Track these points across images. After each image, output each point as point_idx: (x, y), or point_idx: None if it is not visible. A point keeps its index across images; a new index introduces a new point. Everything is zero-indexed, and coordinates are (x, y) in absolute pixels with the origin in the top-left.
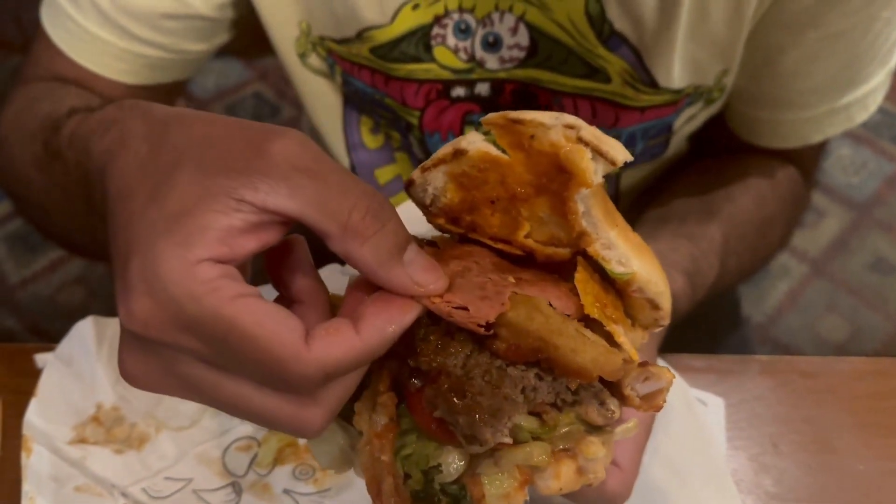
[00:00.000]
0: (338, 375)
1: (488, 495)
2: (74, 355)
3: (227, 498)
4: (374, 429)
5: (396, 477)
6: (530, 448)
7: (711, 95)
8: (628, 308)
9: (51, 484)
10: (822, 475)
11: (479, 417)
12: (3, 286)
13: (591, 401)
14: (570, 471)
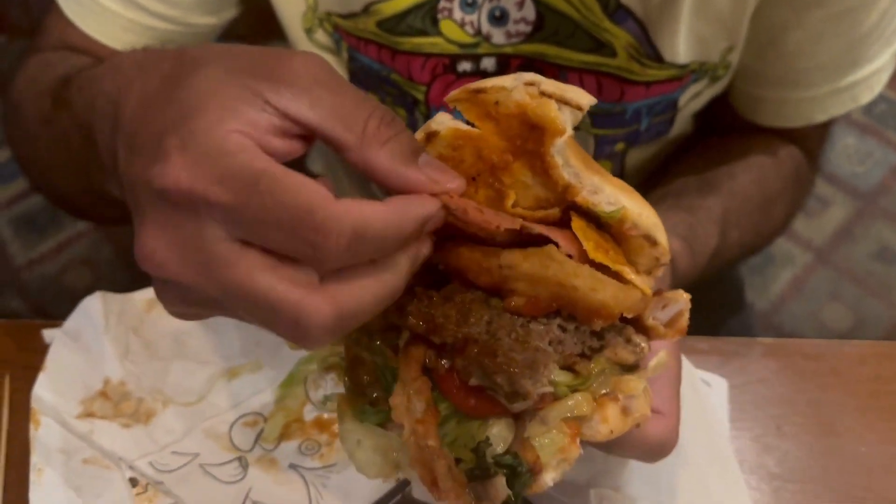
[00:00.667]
0: (365, 241)
1: (542, 455)
2: (82, 330)
3: (233, 472)
4: (414, 416)
5: (447, 459)
6: (571, 400)
7: (717, 73)
8: (628, 254)
9: (59, 456)
10: (824, 457)
11: (516, 371)
12: (10, 267)
13: (617, 341)
14: (615, 413)
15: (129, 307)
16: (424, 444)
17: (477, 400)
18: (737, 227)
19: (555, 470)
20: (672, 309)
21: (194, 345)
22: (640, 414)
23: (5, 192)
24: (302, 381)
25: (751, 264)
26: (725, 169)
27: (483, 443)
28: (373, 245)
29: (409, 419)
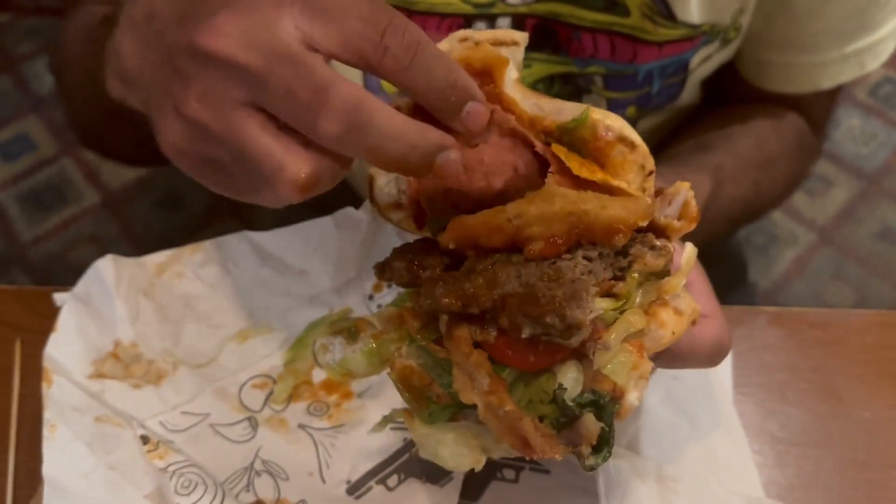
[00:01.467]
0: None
1: (618, 379)
2: (93, 293)
3: (243, 432)
4: (482, 390)
5: (530, 418)
6: (623, 321)
7: (728, 35)
8: (615, 172)
9: (71, 413)
10: (828, 422)
11: (563, 304)
12: (16, 244)
13: (642, 251)
14: (669, 315)
15: (140, 271)
16: (503, 413)
17: (535, 354)
18: (733, 181)
19: (635, 389)
20: (678, 201)
21: (204, 308)
22: (691, 310)
23: (11, 169)
24: (311, 345)
25: (754, 243)
26: (723, 132)
27: (558, 390)
28: (369, 138)
29: (479, 396)
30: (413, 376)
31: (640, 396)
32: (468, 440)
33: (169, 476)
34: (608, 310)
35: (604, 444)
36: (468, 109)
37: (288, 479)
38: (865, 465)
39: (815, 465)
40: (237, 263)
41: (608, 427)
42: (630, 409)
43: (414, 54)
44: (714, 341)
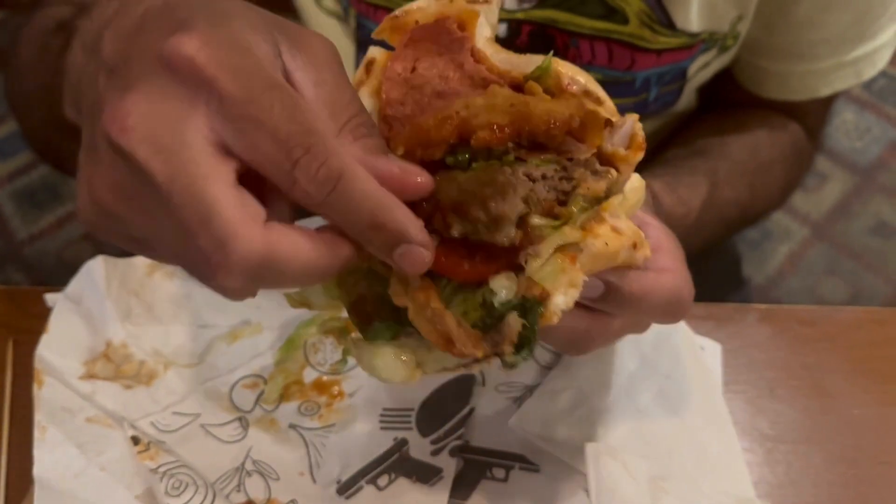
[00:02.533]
0: (346, 191)
1: (547, 285)
2: (84, 294)
3: (234, 432)
4: (413, 288)
5: (454, 315)
6: (558, 232)
7: (726, 43)
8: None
9: (62, 414)
10: (818, 418)
11: (489, 198)
12: (11, 242)
13: (585, 176)
14: (605, 230)
15: (131, 271)
16: (429, 312)
17: (469, 263)
18: (728, 183)
19: (563, 295)
20: (624, 130)
21: (195, 308)
22: (632, 232)
23: (6, 167)
24: (301, 345)
25: (748, 239)
26: (717, 139)
27: (487, 294)
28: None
29: (409, 297)
30: (365, 304)
31: (570, 303)
32: (404, 355)
33: (160, 477)
34: (546, 226)
35: (525, 343)
36: (401, 252)
37: (278, 479)
38: (855, 462)
39: (804, 462)
40: None
41: (531, 328)
42: (556, 312)
43: (330, 191)
44: (671, 291)
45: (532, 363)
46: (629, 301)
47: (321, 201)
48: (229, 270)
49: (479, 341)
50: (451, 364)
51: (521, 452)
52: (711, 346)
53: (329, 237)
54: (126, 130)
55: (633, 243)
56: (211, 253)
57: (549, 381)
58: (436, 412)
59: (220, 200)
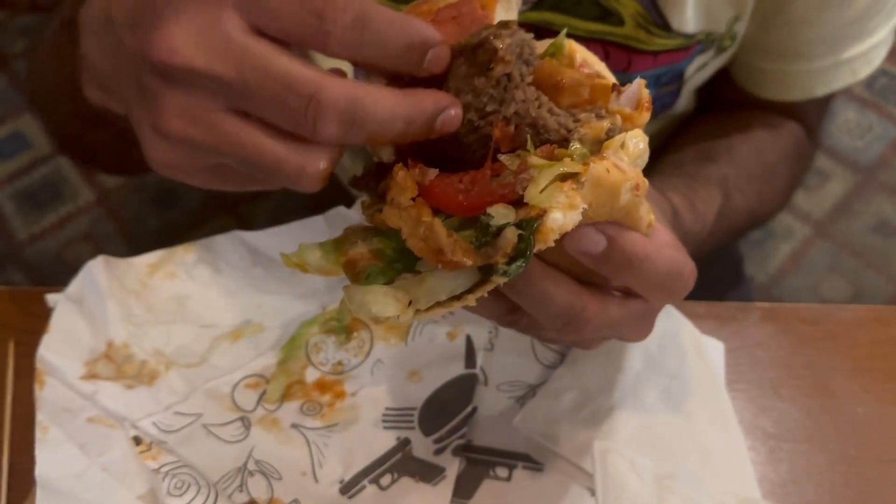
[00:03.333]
0: (368, 30)
1: (545, 205)
2: (85, 294)
3: (236, 432)
4: (407, 206)
5: (445, 230)
6: (558, 163)
7: (723, 43)
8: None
9: (63, 414)
10: (820, 417)
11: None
12: (11, 242)
13: (589, 118)
14: (609, 164)
15: (132, 271)
16: (421, 226)
17: (465, 195)
18: (739, 191)
19: (561, 212)
20: (630, 92)
21: (196, 308)
22: (634, 174)
23: (7, 168)
24: (303, 344)
25: (750, 237)
26: (723, 141)
27: (484, 216)
28: (368, 128)
29: (403, 216)
30: (360, 260)
31: (568, 224)
32: (397, 293)
33: (162, 477)
34: (545, 165)
35: (519, 255)
36: (429, 58)
37: (281, 478)
38: (857, 461)
39: (807, 461)
40: (229, 263)
41: (526, 241)
42: (552, 229)
43: (361, 31)
44: (672, 263)
45: (535, 363)
46: (628, 262)
47: (359, 43)
48: (325, 116)
49: (470, 251)
50: (444, 295)
51: (525, 451)
52: (714, 345)
53: (400, 89)
54: (176, 51)
55: (636, 184)
56: (304, 109)
57: (554, 380)
58: (438, 412)
59: (293, 66)
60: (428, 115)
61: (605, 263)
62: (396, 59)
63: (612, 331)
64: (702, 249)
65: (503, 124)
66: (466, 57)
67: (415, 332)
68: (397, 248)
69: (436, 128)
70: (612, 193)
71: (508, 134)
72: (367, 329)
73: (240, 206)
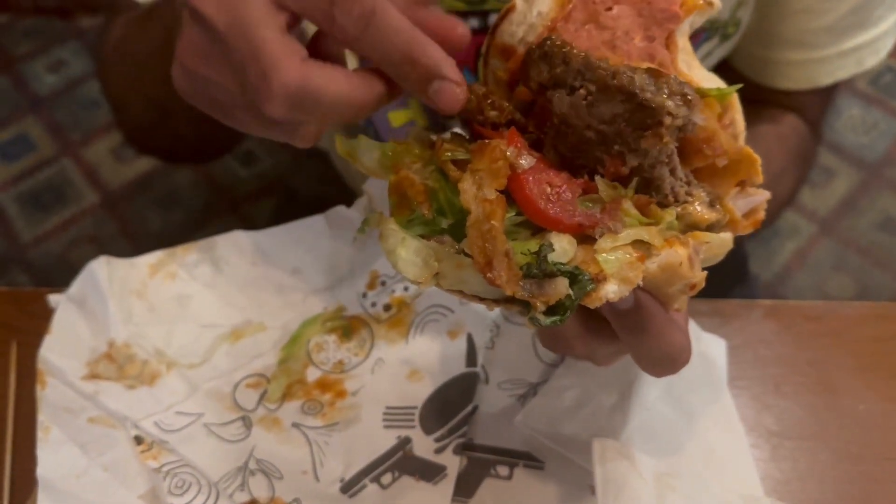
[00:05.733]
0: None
1: (605, 268)
2: (87, 295)
3: (237, 431)
4: (484, 197)
5: (506, 244)
6: (642, 227)
7: (727, 30)
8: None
9: (65, 414)
10: (823, 414)
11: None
12: (16, 244)
13: (702, 197)
14: (685, 254)
15: (133, 272)
16: (487, 224)
17: (547, 204)
18: None
19: (617, 285)
20: (751, 200)
21: (198, 308)
22: (700, 277)
23: (11, 170)
24: (304, 344)
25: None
26: None
27: (545, 245)
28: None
29: (477, 202)
30: (410, 188)
31: (618, 296)
32: (429, 256)
33: (163, 476)
34: (634, 216)
35: (561, 310)
36: (435, 88)
37: (282, 478)
38: (860, 458)
39: (810, 459)
40: (230, 263)
41: (574, 299)
42: (602, 296)
43: (364, 26)
44: (677, 348)
45: (536, 361)
46: (642, 331)
47: (359, 36)
48: (272, 97)
49: (515, 281)
50: (469, 290)
51: (526, 450)
52: (717, 342)
53: (363, 73)
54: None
55: (693, 285)
56: (258, 83)
57: (556, 378)
58: (439, 410)
59: (266, 40)
60: (425, 67)
61: (621, 321)
62: (395, 67)
63: (586, 357)
64: None
65: (620, 164)
66: (629, 103)
67: (416, 331)
68: (452, 206)
69: (429, 94)
70: (670, 281)
71: (619, 172)
72: (367, 328)
73: (241, 206)
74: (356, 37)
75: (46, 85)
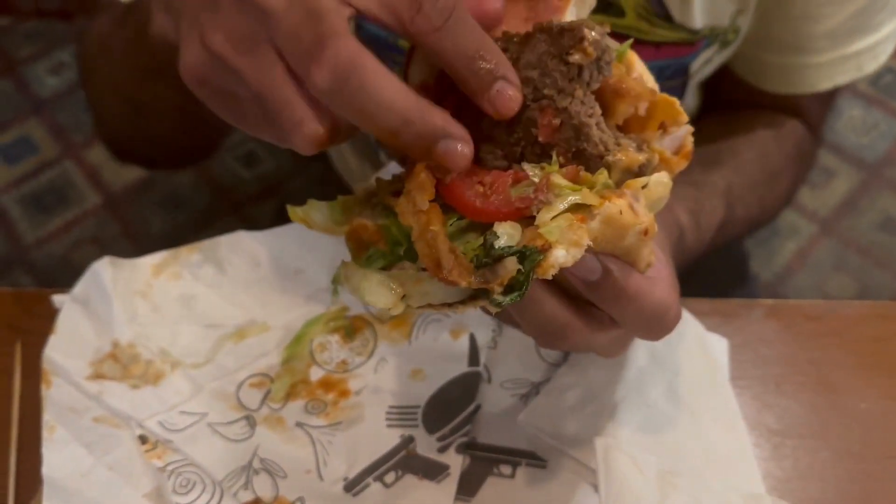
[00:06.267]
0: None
1: (550, 238)
2: (91, 295)
3: (241, 431)
4: (420, 208)
5: (448, 243)
6: (577, 192)
7: (726, 38)
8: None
9: (70, 414)
10: (824, 413)
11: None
12: (19, 246)
13: (628, 146)
14: (624, 204)
15: (137, 272)
16: (428, 232)
17: (483, 201)
18: (741, 201)
19: (565, 249)
20: (676, 136)
21: (201, 308)
22: (649, 220)
23: (14, 172)
24: (308, 343)
25: (756, 236)
26: (728, 145)
27: (489, 234)
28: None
29: (415, 216)
30: (364, 231)
31: (569, 260)
32: (392, 284)
33: (167, 475)
34: (566, 187)
35: (516, 287)
36: (498, 88)
37: (286, 477)
38: (861, 457)
39: (811, 458)
40: (233, 263)
41: (525, 275)
42: (553, 263)
43: (447, 18)
44: (660, 303)
45: (539, 360)
46: (618, 297)
47: (441, 26)
48: (323, 63)
49: (467, 272)
50: (437, 301)
51: (528, 449)
52: (718, 341)
53: (412, 88)
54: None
55: (645, 229)
56: (312, 47)
57: (558, 377)
58: (442, 409)
59: (331, 10)
60: (427, 129)
61: (596, 292)
62: (467, 60)
63: (587, 349)
64: (697, 260)
65: (552, 114)
66: (551, 36)
67: (418, 331)
68: (404, 233)
69: (435, 154)
70: (620, 234)
71: (552, 126)
72: (371, 328)
73: (243, 207)
74: (437, 27)
75: (48, 87)
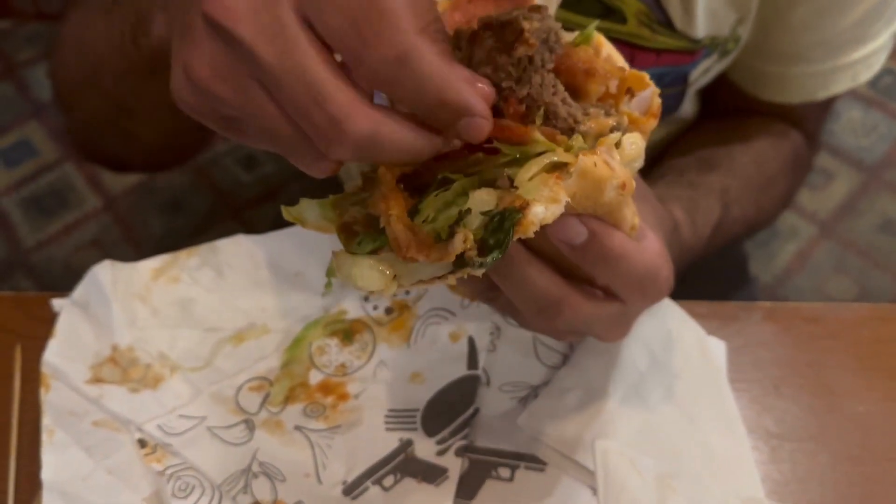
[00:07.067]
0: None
1: (528, 196)
2: (90, 299)
3: (240, 434)
4: (381, 197)
5: (409, 221)
6: (552, 151)
7: (726, 47)
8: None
9: (69, 418)
10: (823, 416)
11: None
12: (19, 249)
13: (598, 114)
14: (599, 160)
15: (136, 276)
16: (388, 216)
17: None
18: (738, 203)
19: (544, 206)
20: (642, 97)
21: (200, 311)
22: (624, 175)
23: (14, 175)
24: (307, 347)
25: (755, 238)
26: (724, 149)
27: (464, 211)
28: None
29: (381, 202)
30: (355, 224)
31: (549, 217)
32: (382, 266)
33: (166, 479)
34: (542, 142)
35: (497, 246)
36: (463, 124)
37: (285, 480)
38: (860, 460)
39: (809, 460)
40: (232, 267)
41: (506, 233)
42: (533, 220)
43: (396, 71)
44: (650, 264)
45: (538, 364)
46: (606, 257)
47: (391, 80)
48: (343, 144)
49: (425, 249)
50: (426, 276)
51: (527, 452)
52: (716, 344)
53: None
54: (228, 10)
55: (623, 183)
56: (327, 129)
57: (557, 380)
58: (441, 413)
59: (330, 81)
60: (435, 148)
61: (584, 255)
62: (426, 110)
63: (586, 326)
64: (694, 261)
65: (516, 102)
66: (495, 32)
67: (417, 334)
68: None
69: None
70: (597, 188)
71: (519, 112)
72: (369, 331)
73: (243, 211)
74: (387, 81)
75: (48, 90)
